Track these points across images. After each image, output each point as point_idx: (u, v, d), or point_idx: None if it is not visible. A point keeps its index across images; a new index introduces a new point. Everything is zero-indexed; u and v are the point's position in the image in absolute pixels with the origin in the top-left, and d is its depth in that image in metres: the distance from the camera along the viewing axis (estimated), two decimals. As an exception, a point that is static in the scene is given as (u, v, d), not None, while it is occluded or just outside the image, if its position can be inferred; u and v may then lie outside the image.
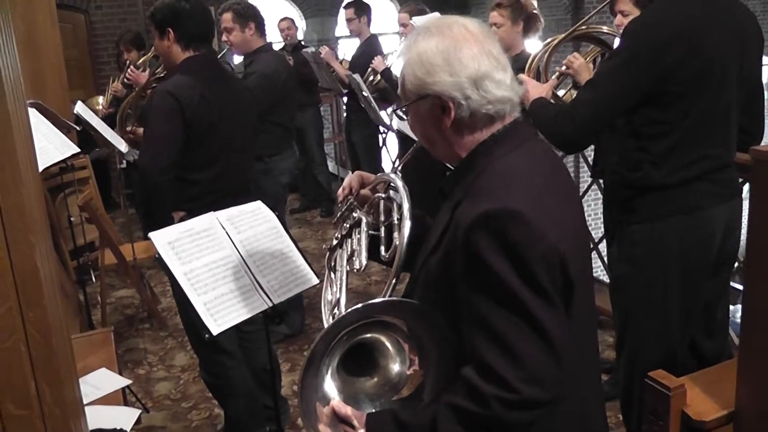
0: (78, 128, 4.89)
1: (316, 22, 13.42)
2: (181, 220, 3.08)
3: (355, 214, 1.80)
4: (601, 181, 3.31)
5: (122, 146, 4.09)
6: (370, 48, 6.03)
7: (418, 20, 3.24)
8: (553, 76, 2.74)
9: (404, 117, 1.64)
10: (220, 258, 2.22)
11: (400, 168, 5.62)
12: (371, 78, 5.49)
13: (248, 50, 4.19)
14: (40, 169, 3.49)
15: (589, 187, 4.83)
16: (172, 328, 4.95)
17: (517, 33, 4.15)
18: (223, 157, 3.09)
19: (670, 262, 2.37)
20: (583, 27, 2.71)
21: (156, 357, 4.58)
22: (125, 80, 5.27)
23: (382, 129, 6.72)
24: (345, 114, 6.40)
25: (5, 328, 1.34)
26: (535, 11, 4.27)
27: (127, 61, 5.90)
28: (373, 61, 5.39)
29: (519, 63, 4.10)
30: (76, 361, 3.02)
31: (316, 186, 7.33)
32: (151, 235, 2.15)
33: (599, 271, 4.78)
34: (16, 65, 1.49)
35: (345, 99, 6.22)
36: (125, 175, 6.52)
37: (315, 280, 2.41)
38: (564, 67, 3.18)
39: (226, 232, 2.29)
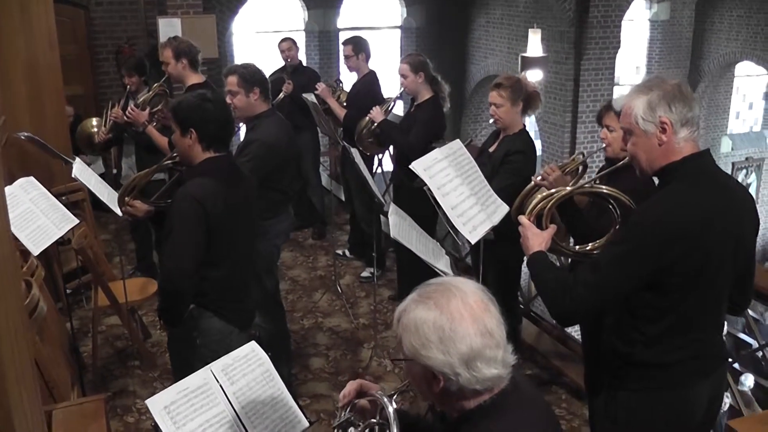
0: (72, 161, 4.92)
1: (318, 13, 13.37)
2: (190, 313, 3.20)
3: (351, 431, 1.89)
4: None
5: (118, 210, 4.12)
6: (367, 86, 6.05)
7: (417, 165, 3.24)
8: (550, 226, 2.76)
9: None
10: (213, 416, 2.29)
11: (392, 197, 5.66)
12: (369, 125, 5.50)
13: (251, 114, 4.20)
14: (39, 251, 3.56)
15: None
16: (161, 368, 5.02)
17: (517, 113, 4.19)
18: (233, 254, 3.20)
19: (652, 430, 2.47)
20: (588, 184, 2.76)
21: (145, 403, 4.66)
22: (126, 117, 5.30)
23: (375, 165, 6.77)
24: (341, 148, 6.42)
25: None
26: (535, 90, 4.30)
27: (128, 87, 5.92)
28: (371, 111, 5.40)
29: (516, 144, 4.17)
30: (66, 438, 3.13)
31: (309, 207, 7.38)
32: (148, 402, 2.23)
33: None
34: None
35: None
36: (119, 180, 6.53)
37: (305, 424, 2.49)
38: (540, 178, 3.25)
39: (220, 385, 2.36)
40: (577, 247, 2.82)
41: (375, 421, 1.85)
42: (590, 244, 2.78)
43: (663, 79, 2.38)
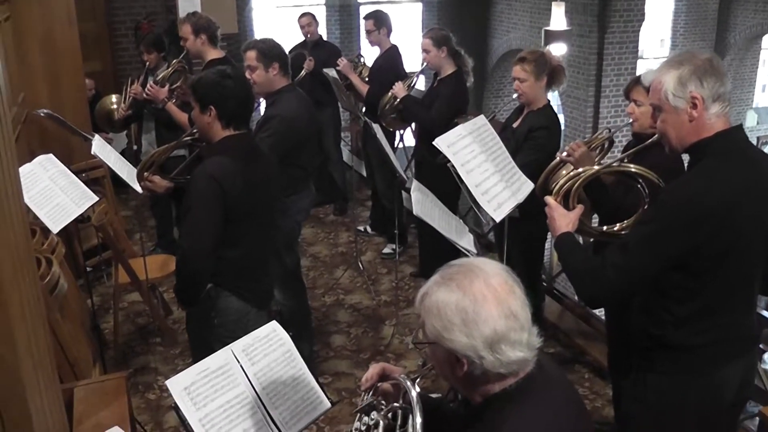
0: (91, 138, 4.91)
1: (338, -15, 13.23)
2: (208, 293, 3.17)
3: (373, 415, 1.85)
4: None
5: (138, 186, 4.10)
6: (389, 61, 6.00)
7: (441, 142, 3.17)
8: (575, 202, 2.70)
9: None
10: (234, 397, 2.27)
11: (414, 173, 5.65)
12: (392, 101, 5.43)
13: (271, 90, 4.14)
14: (58, 228, 3.54)
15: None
16: (182, 344, 5.02)
17: (541, 88, 4.12)
18: (251, 233, 3.16)
19: (682, 413, 2.42)
20: (615, 163, 2.70)
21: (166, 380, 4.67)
22: (145, 95, 5.27)
23: (396, 140, 6.70)
24: (363, 124, 6.36)
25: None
26: (559, 64, 4.21)
27: (147, 63, 5.89)
28: (394, 87, 5.33)
29: (540, 119, 4.10)
30: (88, 416, 3.13)
31: (330, 183, 7.34)
32: (168, 383, 2.20)
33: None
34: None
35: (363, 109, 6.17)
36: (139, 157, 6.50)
37: (327, 405, 2.45)
38: (565, 154, 3.18)
39: (241, 366, 2.33)
40: (605, 227, 2.76)
41: (398, 405, 1.82)
42: (617, 225, 2.72)
43: (694, 54, 2.30)
